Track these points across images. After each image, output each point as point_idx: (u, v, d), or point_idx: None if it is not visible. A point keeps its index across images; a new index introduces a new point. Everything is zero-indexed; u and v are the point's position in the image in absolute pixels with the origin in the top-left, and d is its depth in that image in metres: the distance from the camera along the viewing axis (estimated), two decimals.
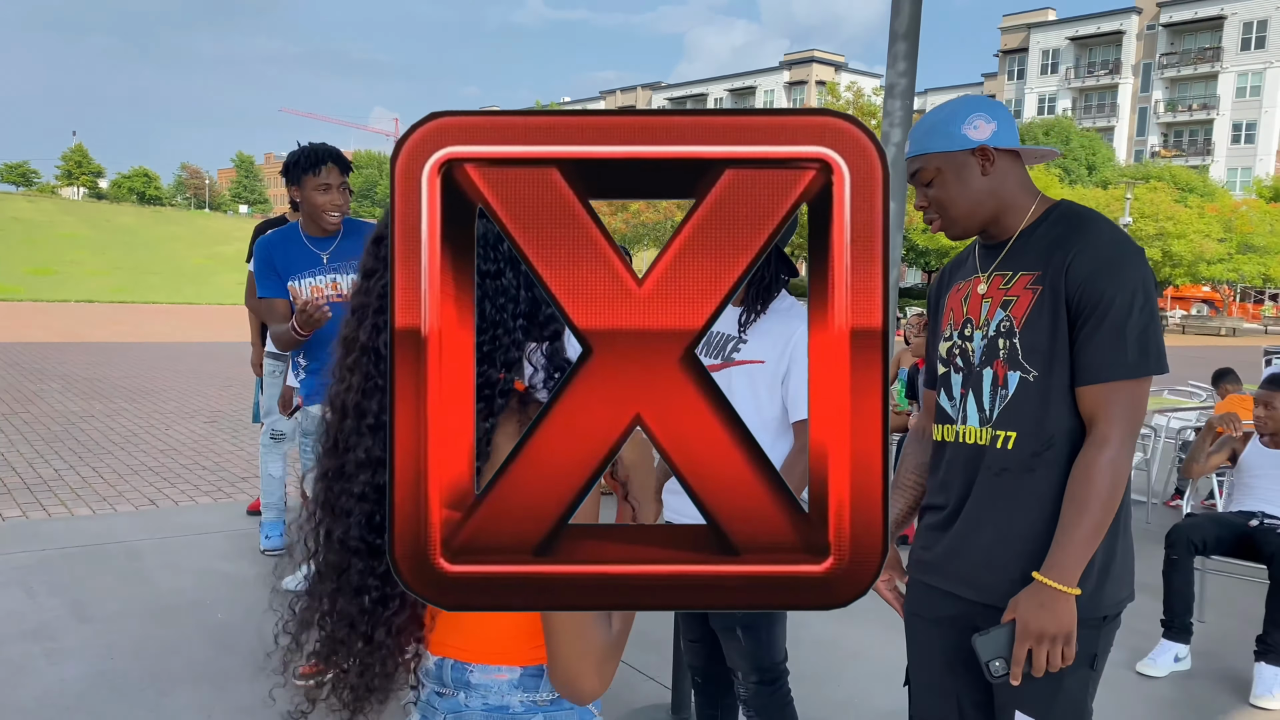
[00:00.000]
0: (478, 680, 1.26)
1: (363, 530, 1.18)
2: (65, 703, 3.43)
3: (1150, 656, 4.26)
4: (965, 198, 1.98)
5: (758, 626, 2.54)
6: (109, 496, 6.34)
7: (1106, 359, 1.86)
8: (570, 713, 1.29)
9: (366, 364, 1.18)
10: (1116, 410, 1.87)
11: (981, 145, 1.96)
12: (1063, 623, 1.83)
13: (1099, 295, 1.85)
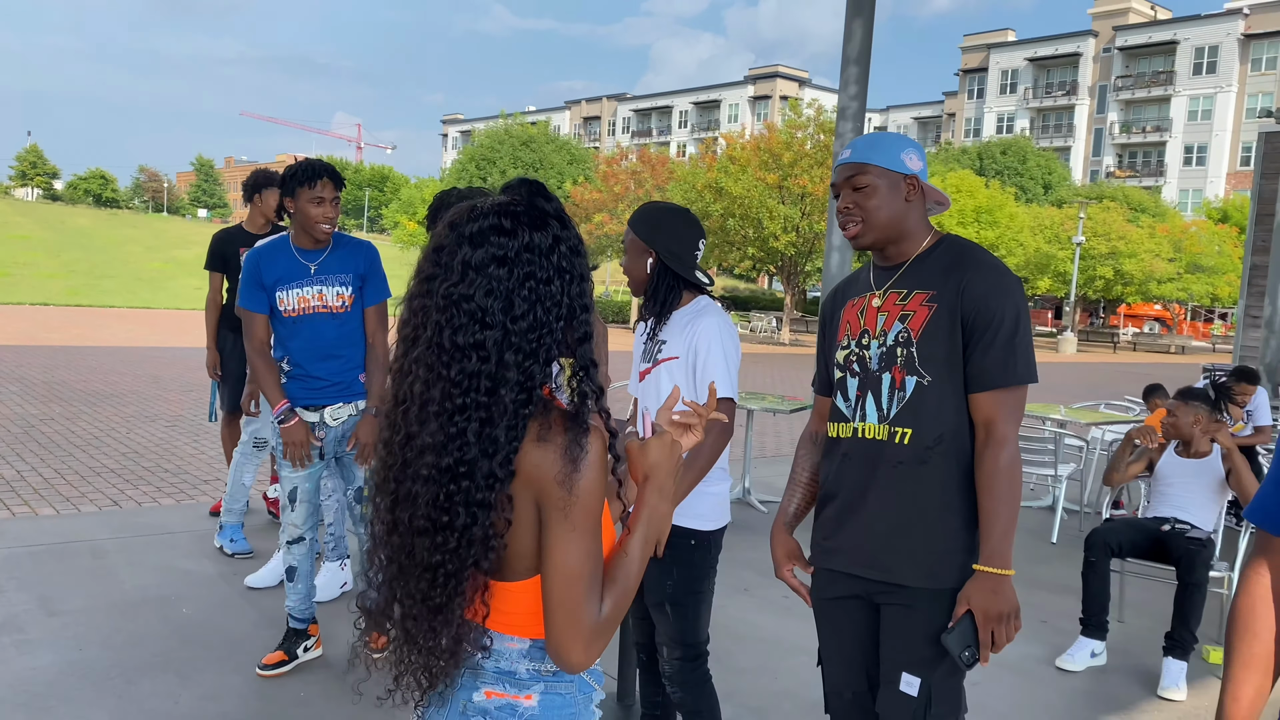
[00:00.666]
0: (495, 646, 1.42)
1: (429, 510, 1.33)
2: (36, 689, 3.58)
3: (1068, 652, 4.55)
4: (888, 213, 2.25)
5: (684, 604, 2.77)
6: (72, 497, 6.44)
7: (1001, 369, 2.15)
8: (570, 685, 1.45)
9: (430, 357, 1.34)
10: (1008, 412, 2.17)
11: (913, 175, 2.25)
12: (1011, 601, 2.11)
13: (991, 314, 2.15)
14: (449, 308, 1.33)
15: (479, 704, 1.42)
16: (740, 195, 30.32)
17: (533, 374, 1.34)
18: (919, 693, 2.21)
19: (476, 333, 1.32)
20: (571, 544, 1.32)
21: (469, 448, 1.32)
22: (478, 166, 50.57)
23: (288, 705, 3.60)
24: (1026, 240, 39.83)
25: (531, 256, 1.35)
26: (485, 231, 1.36)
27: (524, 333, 1.33)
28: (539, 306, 1.35)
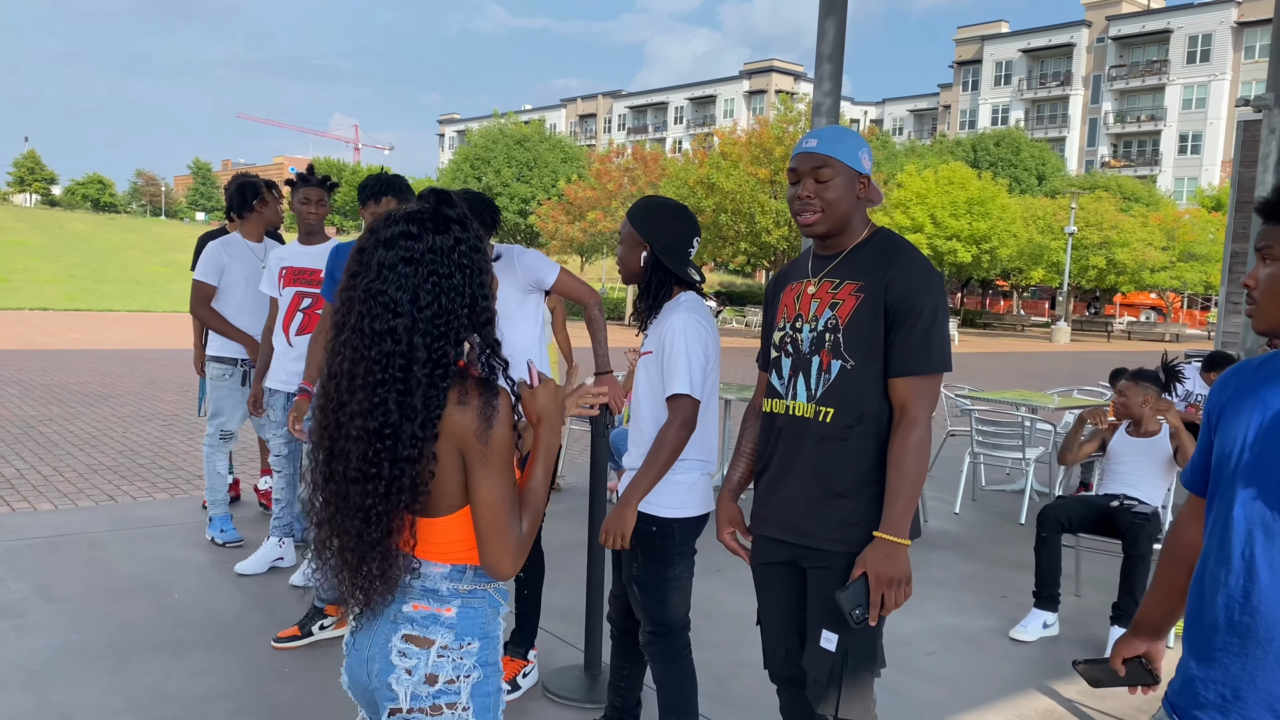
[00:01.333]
0: (422, 569, 1.72)
1: (360, 463, 1.62)
2: (34, 668, 3.78)
3: (1021, 624, 4.76)
4: (843, 205, 2.43)
5: (648, 587, 2.93)
6: (70, 493, 6.66)
7: (917, 357, 2.35)
8: (481, 600, 1.76)
9: (355, 340, 1.63)
10: (922, 397, 2.36)
11: (866, 175, 2.45)
12: (903, 568, 2.30)
13: (912, 307, 2.34)
14: (368, 300, 1.63)
15: (407, 614, 1.71)
16: (732, 190, 30.52)
17: (444, 352, 1.63)
18: (837, 648, 2.41)
19: (390, 320, 1.61)
20: (492, 483, 1.65)
21: (391, 413, 1.61)
22: (473, 166, 50.75)
23: (272, 680, 3.81)
24: (1019, 231, 40.02)
25: (435, 256, 1.64)
26: (395, 237, 1.65)
27: (430, 319, 1.62)
28: (443, 297, 1.63)
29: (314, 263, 4.87)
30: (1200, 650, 1.71)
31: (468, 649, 1.73)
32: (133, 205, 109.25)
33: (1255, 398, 1.69)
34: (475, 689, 1.74)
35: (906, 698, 3.95)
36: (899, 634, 4.67)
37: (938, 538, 6.55)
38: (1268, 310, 1.67)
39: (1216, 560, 1.68)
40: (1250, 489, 1.64)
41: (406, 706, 1.70)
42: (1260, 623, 1.60)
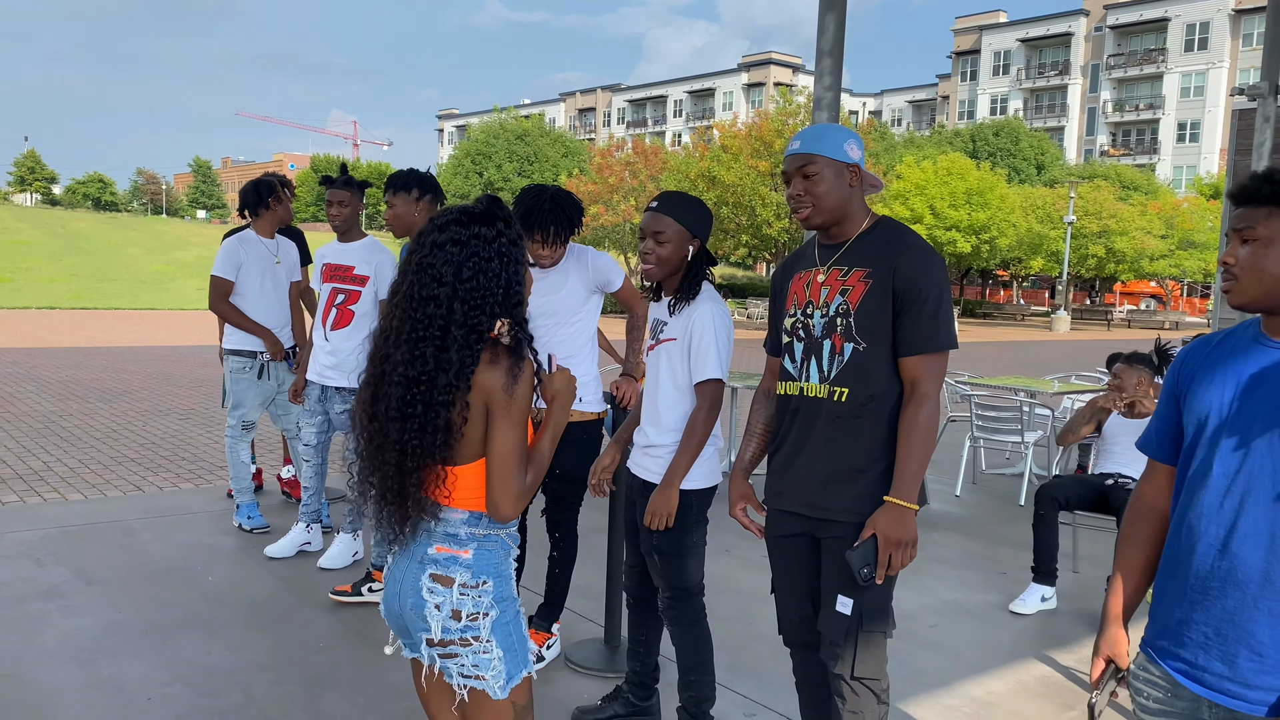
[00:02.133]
0: (444, 514, 2.02)
1: (399, 404, 1.93)
2: (83, 645, 3.99)
3: (1020, 597, 4.96)
4: (834, 198, 2.61)
5: (667, 553, 3.13)
6: (97, 484, 6.86)
7: (925, 337, 2.53)
8: (494, 544, 2.04)
9: (405, 303, 1.95)
10: (931, 374, 2.55)
11: (855, 164, 2.63)
12: (911, 531, 2.49)
13: (919, 290, 2.52)
14: (420, 271, 1.96)
15: (432, 556, 2.01)
16: (733, 183, 30.68)
17: (479, 320, 1.94)
18: (852, 611, 2.60)
19: (435, 288, 1.94)
20: (508, 434, 1.95)
21: (428, 364, 1.92)
22: (473, 161, 50.86)
23: (308, 652, 4.01)
24: (1018, 221, 40.18)
25: (479, 243, 1.96)
26: (449, 223, 1.99)
27: (469, 292, 1.93)
28: (481, 275, 1.96)
29: (349, 259, 5.00)
30: (1182, 596, 1.90)
31: (483, 588, 2.01)
32: (134, 204, 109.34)
33: (1227, 368, 1.88)
34: (495, 625, 2.01)
35: (911, 666, 4.15)
36: (904, 608, 4.87)
37: (939, 519, 6.75)
38: (1247, 286, 1.85)
39: (1195, 513, 1.88)
40: (1229, 448, 1.83)
41: (439, 638, 2.00)
42: (1239, 567, 1.80)
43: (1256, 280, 1.82)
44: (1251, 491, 1.79)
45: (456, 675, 2.01)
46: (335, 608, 4.54)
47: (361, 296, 4.95)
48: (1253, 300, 1.84)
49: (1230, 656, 1.81)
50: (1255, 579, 1.78)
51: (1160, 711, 1.95)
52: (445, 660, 2.01)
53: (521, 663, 2.05)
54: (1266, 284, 1.81)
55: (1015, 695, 3.92)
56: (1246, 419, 1.81)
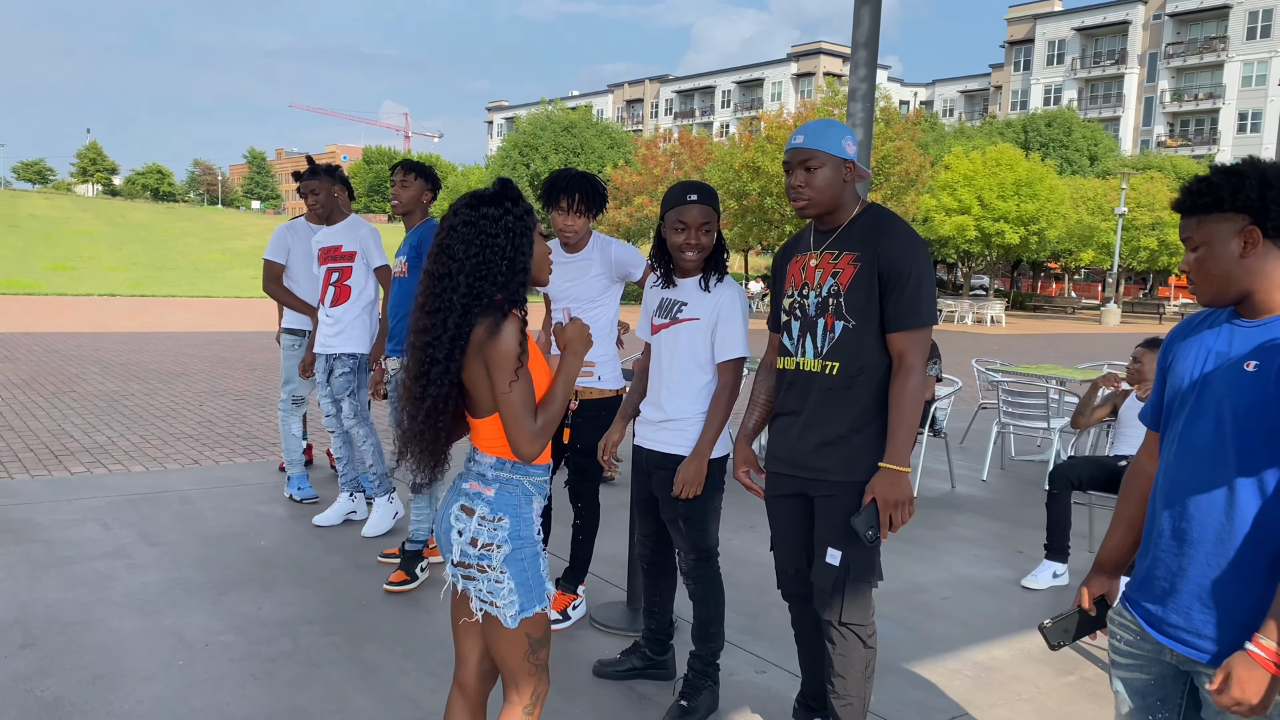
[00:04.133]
0: (479, 458, 2.31)
1: (416, 365, 2.22)
2: (147, 597, 4.33)
3: (1032, 574, 5.13)
4: (831, 190, 2.84)
5: (693, 518, 3.35)
6: (158, 457, 7.26)
7: (909, 314, 2.76)
8: (515, 487, 2.29)
9: (425, 279, 2.26)
10: (916, 348, 2.77)
11: (851, 159, 2.85)
12: (906, 491, 2.73)
13: (902, 271, 2.75)
14: (439, 250, 2.25)
15: (465, 490, 2.31)
16: (777, 174, 30.70)
17: (481, 289, 2.21)
18: (840, 563, 2.83)
19: (447, 264, 2.22)
20: (502, 381, 2.17)
21: (436, 328, 2.20)
22: (521, 153, 51.32)
23: (352, 609, 4.32)
24: (1068, 212, 39.69)
25: (485, 222, 2.23)
26: (462, 207, 2.26)
27: (474, 264, 2.21)
28: (485, 250, 2.22)
29: (337, 240, 5.36)
30: (1151, 553, 2.10)
31: (499, 523, 2.26)
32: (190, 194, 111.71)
33: (1198, 342, 2.08)
34: (509, 559, 2.25)
35: (921, 634, 4.36)
36: (918, 581, 5.07)
37: (964, 501, 6.91)
38: (1203, 287, 2.03)
39: (1164, 476, 2.08)
40: (1193, 416, 2.02)
41: (457, 559, 2.29)
42: (1194, 527, 1.99)
43: (1206, 282, 2.01)
44: (1208, 460, 1.97)
45: (475, 598, 2.29)
46: (380, 569, 4.84)
47: (353, 271, 5.32)
48: (1211, 300, 2.03)
49: (1185, 609, 2.00)
50: (1209, 538, 1.96)
51: (1129, 654, 2.16)
52: (466, 582, 2.29)
53: (535, 599, 2.28)
54: (1215, 284, 1.99)
55: (1017, 661, 4.11)
56: (1208, 393, 2.00)
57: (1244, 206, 1.93)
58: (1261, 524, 1.90)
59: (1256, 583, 1.91)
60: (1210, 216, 1.97)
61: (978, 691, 3.78)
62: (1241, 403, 1.91)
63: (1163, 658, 2.08)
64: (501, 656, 2.31)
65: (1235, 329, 2.00)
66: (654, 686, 3.68)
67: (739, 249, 36.61)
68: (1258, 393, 1.89)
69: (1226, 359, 1.97)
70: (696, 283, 3.35)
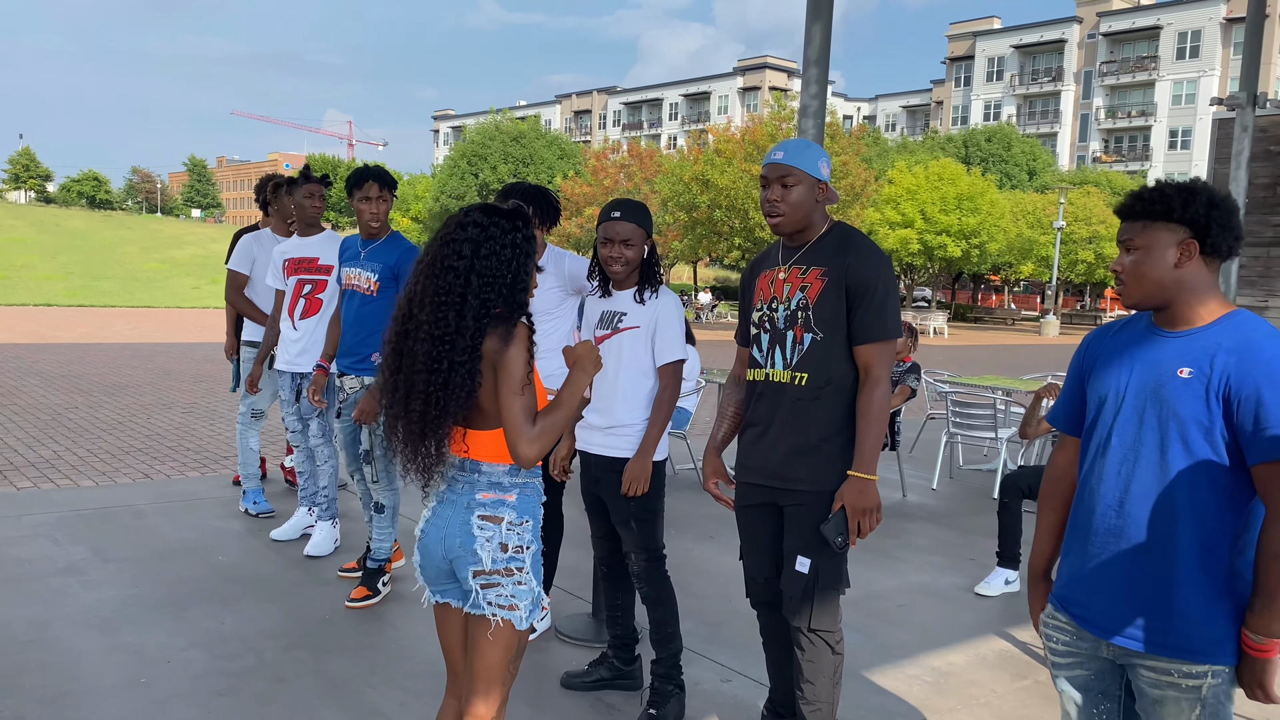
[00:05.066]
0: (486, 468, 2.33)
1: (426, 359, 2.22)
2: (104, 615, 4.27)
3: (985, 580, 5.26)
4: (804, 207, 2.94)
5: (643, 519, 3.44)
6: (107, 471, 7.14)
7: (875, 327, 2.85)
8: (532, 491, 2.37)
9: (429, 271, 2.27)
10: (882, 359, 2.87)
11: (824, 181, 2.95)
12: (874, 498, 2.81)
13: (868, 286, 2.85)
14: (444, 244, 2.29)
15: (479, 501, 2.33)
16: (726, 187, 30.99)
17: (489, 295, 2.26)
18: (810, 570, 2.91)
19: (455, 260, 2.26)
20: (506, 386, 2.23)
21: (450, 325, 2.23)
22: (469, 163, 51.11)
23: (315, 624, 4.30)
24: (1008, 226, 40.56)
25: (496, 231, 2.28)
26: (473, 210, 2.33)
27: (484, 268, 2.25)
28: (494, 259, 2.27)
29: (313, 252, 5.25)
30: (1085, 551, 2.20)
31: (526, 525, 2.35)
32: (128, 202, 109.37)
33: (1124, 354, 2.19)
34: (534, 560, 2.36)
35: (879, 640, 4.45)
36: (875, 589, 5.17)
37: (915, 510, 7.06)
38: (1132, 289, 2.15)
39: (1096, 478, 2.19)
40: (1124, 422, 2.14)
41: (489, 567, 2.30)
42: (1131, 525, 2.10)
43: (1139, 284, 2.13)
44: (1141, 460, 2.09)
45: (495, 604, 2.31)
46: (341, 584, 4.82)
47: (328, 285, 5.23)
48: (1139, 301, 2.14)
49: (1125, 603, 2.11)
50: (1144, 535, 2.08)
51: (1068, 653, 2.26)
52: (487, 590, 2.30)
53: (539, 597, 2.39)
54: (1147, 286, 2.11)
55: (973, 666, 4.22)
56: (1139, 398, 2.11)
57: (1189, 220, 2.06)
58: (1193, 521, 2.03)
59: (1191, 575, 2.03)
60: (1156, 224, 2.09)
61: (936, 696, 3.88)
62: (1175, 407, 2.04)
63: (1100, 653, 2.20)
64: (489, 662, 2.35)
65: (1159, 338, 2.13)
66: (622, 697, 3.72)
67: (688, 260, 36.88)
68: (1193, 397, 2.02)
69: (1158, 366, 2.09)
70: (632, 295, 3.48)
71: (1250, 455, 1.97)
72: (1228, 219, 2.05)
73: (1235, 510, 2.02)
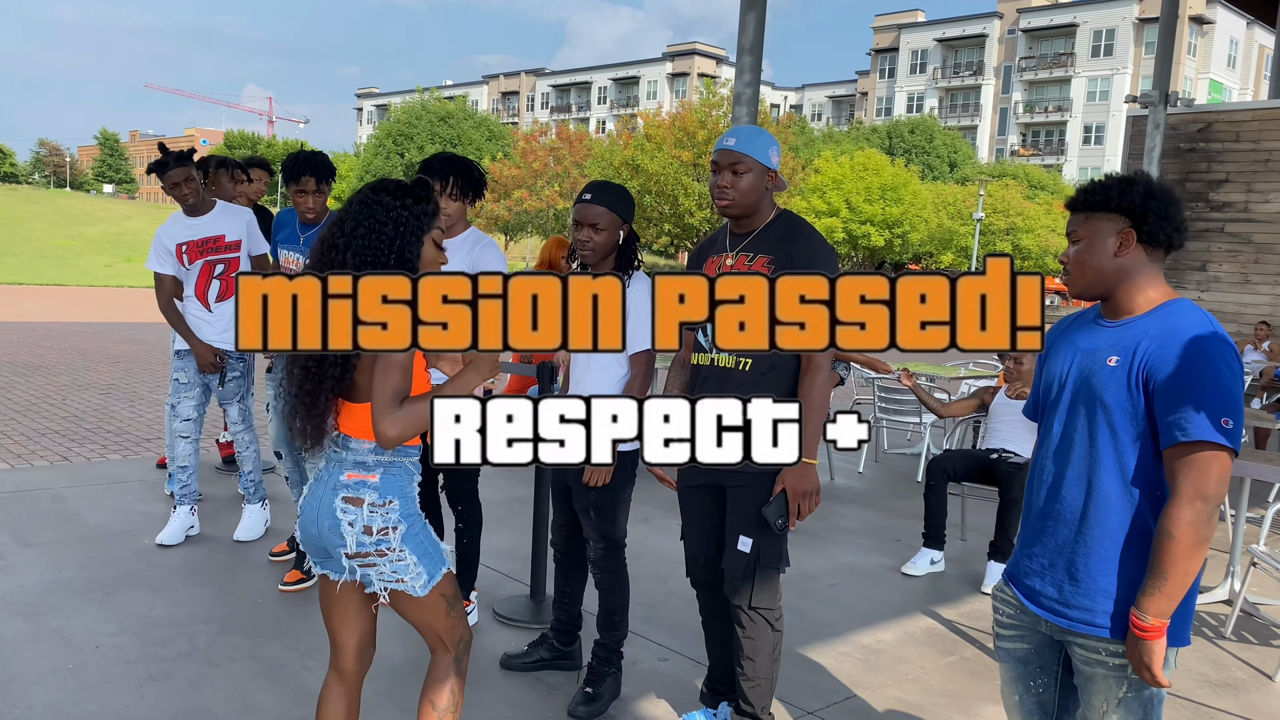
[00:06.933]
0: (354, 445, 2.31)
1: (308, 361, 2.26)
2: (27, 600, 4.16)
3: (912, 561, 5.42)
4: (754, 194, 2.98)
5: (604, 509, 3.44)
6: (22, 454, 6.91)
7: None
8: (399, 469, 2.34)
9: (318, 244, 2.26)
10: None
11: (774, 169, 2.99)
12: (814, 483, 2.88)
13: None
14: (333, 222, 2.31)
15: (343, 482, 2.31)
16: (656, 173, 31.06)
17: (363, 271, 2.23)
18: (751, 550, 2.97)
19: (336, 237, 2.26)
20: (379, 372, 2.19)
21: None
22: (395, 142, 50.31)
23: (248, 608, 4.24)
24: (930, 216, 41.42)
25: (379, 209, 2.27)
26: (365, 187, 2.33)
27: (360, 247, 2.24)
28: (373, 235, 2.25)
29: (214, 230, 4.98)
30: (1030, 533, 2.30)
31: (390, 506, 2.30)
32: (35, 176, 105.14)
33: (1069, 342, 2.29)
34: (406, 537, 2.31)
35: (811, 620, 4.56)
36: (805, 569, 5.28)
37: (843, 493, 7.21)
38: (1076, 279, 2.25)
39: (1039, 464, 2.29)
40: (1062, 409, 2.23)
41: (354, 550, 2.29)
42: (1065, 508, 2.20)
43: (1081, 273, 2.22)
44: (1074, 446, 2.19)
45: (378, 582, 2.32)
46: (273, 567, 4.76)
47: (239, 262, 5.04)
48: (1083, 290, 2.24)
49: (1058, 582, 2.22)
50: (1076, 517, 2.18)
51: (1011, 626, 2.37)
52: (365, 570, 2.31)
53: (439, 563, 2.38)
54: (1090, 276, 2.20)
55: (902, 643, 4.35)
56: (1075, 386, 2.21)
57: (1126, 209, 2.15)
58: (1120, 505, 2.13)
59: (1118, 557, 2.13)
60: (1096, 215, 2.19)
61: (867, 673, 4.00)
62: (1104, 395, 2.13)
63: (1039, 629, 2.30)
64: (424, 623, 2.39)
65: (1099, 328, 2.22)
66: (561, 677, 3.76)
67: None
68: (1117, 385, 2.11)
69: (1092, 356, 2.19)
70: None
71: (1161, 440, 2.06)
72: (1165, 209, 2.14)
73: (1161, 495, 2.11)
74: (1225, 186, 12.43)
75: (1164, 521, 2.02)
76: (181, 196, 4.90)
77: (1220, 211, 12.39)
